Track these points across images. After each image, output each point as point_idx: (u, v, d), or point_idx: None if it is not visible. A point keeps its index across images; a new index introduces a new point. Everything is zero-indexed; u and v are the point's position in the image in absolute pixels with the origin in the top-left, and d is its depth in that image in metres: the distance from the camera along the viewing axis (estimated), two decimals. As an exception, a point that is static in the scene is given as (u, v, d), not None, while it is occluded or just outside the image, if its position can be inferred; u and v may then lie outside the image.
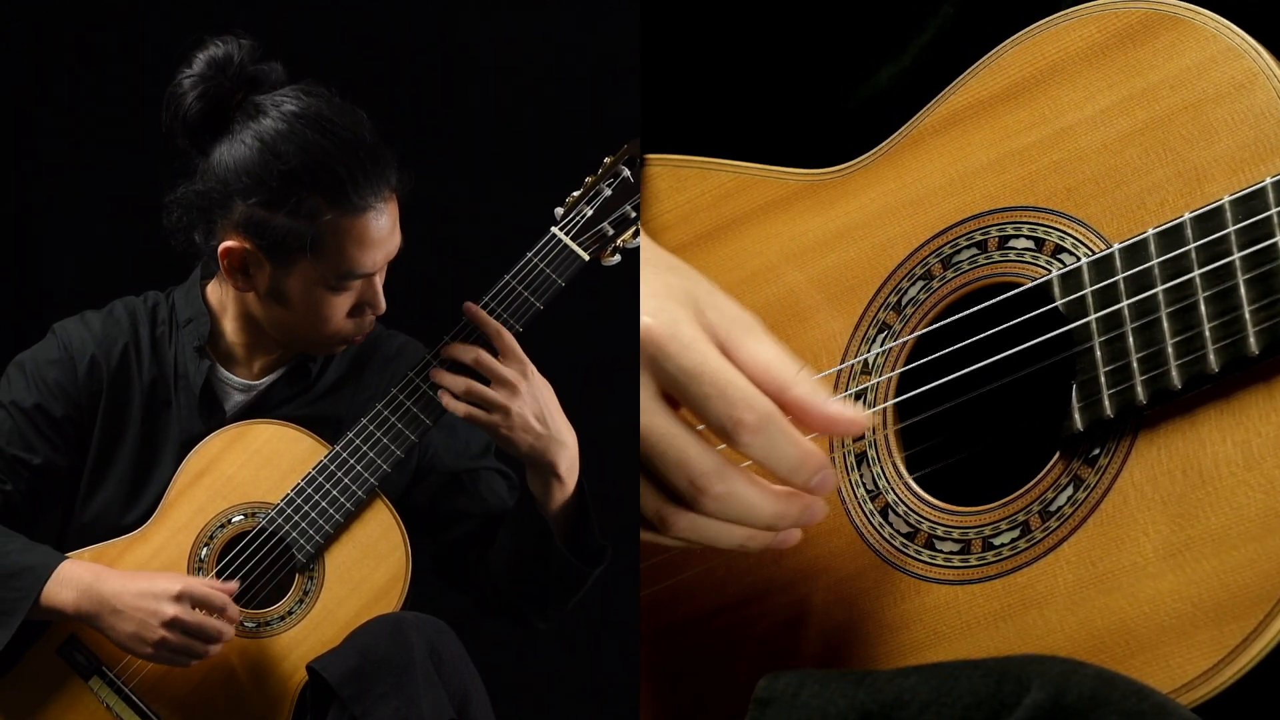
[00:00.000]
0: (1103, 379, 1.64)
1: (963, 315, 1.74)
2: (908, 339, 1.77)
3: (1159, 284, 1.62)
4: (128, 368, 2.43)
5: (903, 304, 1.79)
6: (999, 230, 1.75)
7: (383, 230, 2.31)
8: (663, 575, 1.85)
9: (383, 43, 3.10)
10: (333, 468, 2.34)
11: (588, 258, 2.37)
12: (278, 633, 2.32)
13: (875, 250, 1.82)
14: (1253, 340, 1.57)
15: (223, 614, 2.26)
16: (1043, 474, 1.68)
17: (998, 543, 1.68)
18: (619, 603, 2.31)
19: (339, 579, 2.33)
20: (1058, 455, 1.67)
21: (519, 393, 2.28)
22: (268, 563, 2.33)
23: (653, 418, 1.62)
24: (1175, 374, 1.60)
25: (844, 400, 1.68)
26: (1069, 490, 1.65)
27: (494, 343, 2.30)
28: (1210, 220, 1.60)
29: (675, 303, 1.64)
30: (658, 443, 1.62)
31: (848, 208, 1.84)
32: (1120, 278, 1.64)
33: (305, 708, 2.28)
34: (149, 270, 2.54)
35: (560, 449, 2.31)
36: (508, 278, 2.35)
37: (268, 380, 2.43)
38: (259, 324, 2.40)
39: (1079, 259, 1.68)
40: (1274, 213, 1.57)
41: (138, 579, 2.28)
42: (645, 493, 1.64)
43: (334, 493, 2.33)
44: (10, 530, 2.35)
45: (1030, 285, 1.70)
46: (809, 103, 1.95)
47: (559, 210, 2.39)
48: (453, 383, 2.30)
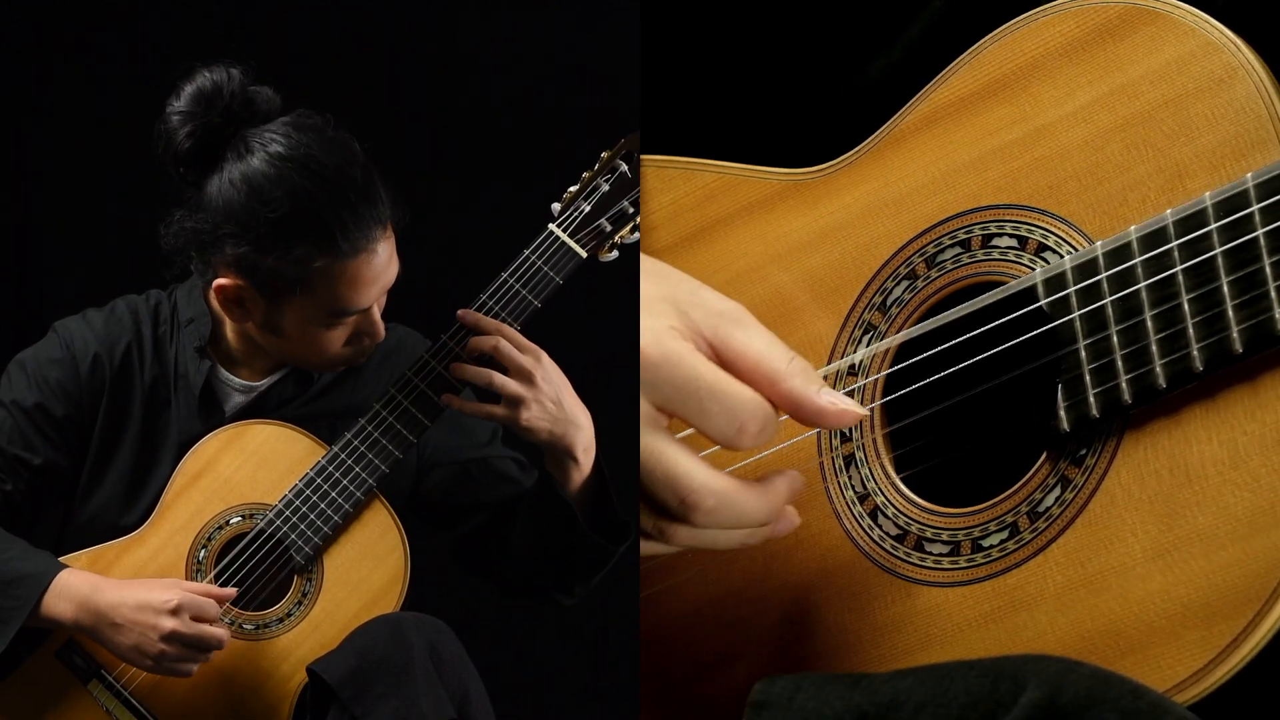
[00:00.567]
0: (1088, 378, 1.63)
1: (947, 316, 1.73)
2: (893, 340, 1.77)
3: (1142, 282, 1.61)
4: (130, 366, 2.43)
5: (888, 304, 1.78)
6: (982, 229, 1.74)
7: (376, 269, 2.30)
8: (661, 577, 1.85)
9: (381, 40, 3.09)
10: (331, 469, 2.33)
11: (585, 255, 2.36)
12: (277, 634, 2.32)
13: (859, 250, 1.81)
14: (1236, 338, 1.56)
15: (219, 622, 2.26)
16: (1030, 475, 1.67)
17: (987, 544, 1.68)
18: (619, 603, 2.30)
19: (338, 580, 2.33)
20: (1045, 456, 1.67)
21: (534, 379, 2.27)
22: (266, 564, 2.33)
23: (642, 436, 1.62)
24: (1160, 372, 1.59)
25: (838, 393, 1.67)
26: (1056, 491, 1.65)
27: (498, 348, 2.29)
28: (1192, 218, 1.59)
29: (656, 316, 1.63)
30: (646, 461, 1.62)
31: (831, 207, 1.83)
32: (1103, 277, 1.63)
33: (305, 709, 2.28)
34: (150, 269, 2.54)
35: (576, 431, 2.31)
36: (505, 276, 2.34)
37: (268, 382, 2.43)
38: (258, 346, 2.41)
39: (1062, 257, 1.67)
40: (1255, 210, 1.55)
41: (135, 590, 2.27)
42: (643, 507, 1.64)
43: (332, 494, 2.32)
44: (10, 536, 2.35)
45: (1014, 286, 1.69)
46: (801, 98, 1.95)
47: (556, 207, 2.38)
48: (475, 375, 2.30)
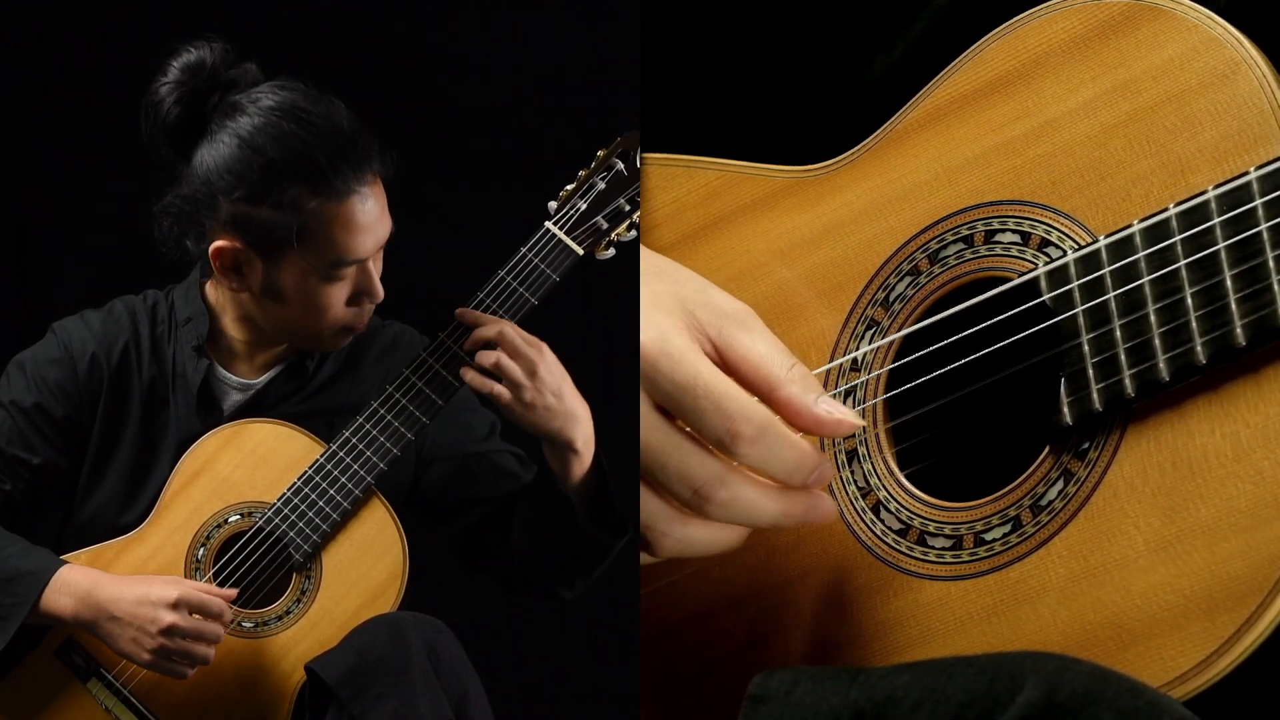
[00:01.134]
0: (1091, 372, 1.64)
1: (951, 311, 1.74)
2: (896, 336, 1.77)
3: (1145, 276, 1.62)
4: (128, 366, 2.43)
5: (891, 300, 1.78)
6: (984, 224, 1.74)
7: (369, 215, 2.32)
8: (661, 574, 1.85)
9: (377, 38, 3.09)
10: (329, 466, 2.33)
11: (582, 252, 2.36)
12: (275, 632, 2.32)
13: (862, 246, 1.81)
14: (1239, 331, 1.56)
15: (219, 619, 2.26)
16: (1033, 469, 1.67)
17: (989, 538, 1.68)
18: (619, 603, 2.30)
19: (336, 578, 2.33)
20: (1047, 450, 1.67)
21: (536, 369, 2.28)
22: (265, 562, 2.33)
23: (650, 431, 1.62)
24: (1163, 366, 1.60)
25: (834, 399, 1.67)
26: (1059, 484, 1.65)
27: (502, 334, 2.30)
28: (1195, 212, 1.60)
29: (662, 312, 1.64)
30: (658, 454, 1.62)
31: (834, 204, 1.84)
32: (1106, 271, 1.64)
33: (304, 707, 2.28)
34: (149, 270, 2.54)
35: (576, 424, 2.31)
36: (502, 273, 2.35)
37: (264, 379, 2.43)
38: (257, 325, 2.40)
39: (1065, 252, 1.68)
40: (1259, 204, 1.56)
41: (135, 585, 2.28)
42: (648, 506, 1.65)
43: (331, 492, 2.33)
44: (10, 533, 2.35)
45: (1016, 281, 1.70)
46: (802, 96, 1.95)
47: (553, 205, 2.39)
48: (484, 357, 2.30)
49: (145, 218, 2.44)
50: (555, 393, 2.29)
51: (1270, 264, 1.55)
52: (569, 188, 2.39)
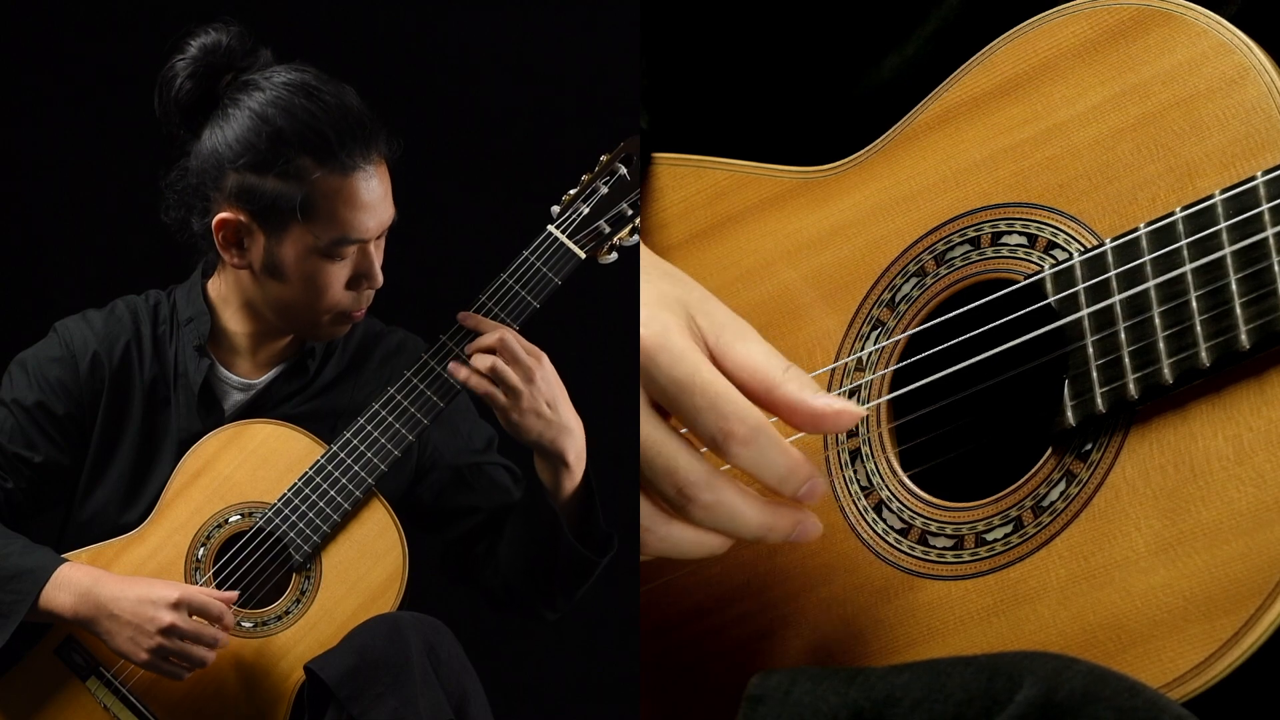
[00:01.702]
0: (1095, 375, 1.64)
1: (956, 312, 1.74)
2: (901, 336, 1.78)
3: (1151, 280, 1.62)
4: (129, 365, 2.43)
5: (896, 301, 1.79)
6: (992, 226, 1.75)
7: (373, 193, 2.33)
8: (660, 572, 1.85)
9: (380, 41, 3.10)
10: (330, 467, 2.34)
11: (584, 256, 2.37)
12: (275, 632, 2.32)
13: (869, 247, 1.82)
14: (1244, 336, 1.56)
15: (219, 622, 2.27)
16: (1035, 469, 1.68)
17: (991, 538, 1.69)
18: (619, 602, 2.31)
19: (336, 578, 2.34)
20: (1050, 451, 1.67)
21: (533, 378, 2.28)
22: (265, 562, 2.34)
23: (643, 426, 1.63)
24: (1167, 369, 1.60)
25: (834, 395, 1.68)
26: (1061, 485, 1.66)
27: (502, 340, 2.30)
28: (1202, 216, 1.61)
29: (667, 311, 1.65)
30: (647, 450, 1.62)
31: (842, 205, 1.85)
32: (1112, 274, 1.65)
33: (303, 707, 2.28)
34: (149, 269, 2.55)
35: (569, 437, 2.32)
36: (504, 276, 2.35)
37: (266, 379, 2.44)
38: (259, 310, 2.41)
39: (1071, 255, 1.68)
40: (1265, 208, 1.57)
41: (136, 585, 2.28)
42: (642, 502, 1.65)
43: (331, 492, 2.33)
44: (11, 531, 2.35)
45: (1023, 282, 1.71)
46: (813, 94, 1.95)
47: (555, 209, 2.39)
48: (480, 360, 2.31)
49: (147, 218, 2.45)
50: (550, 403, 2.29)
51: (1276, 269, 1.55)
52: (571, 191, 2.40)
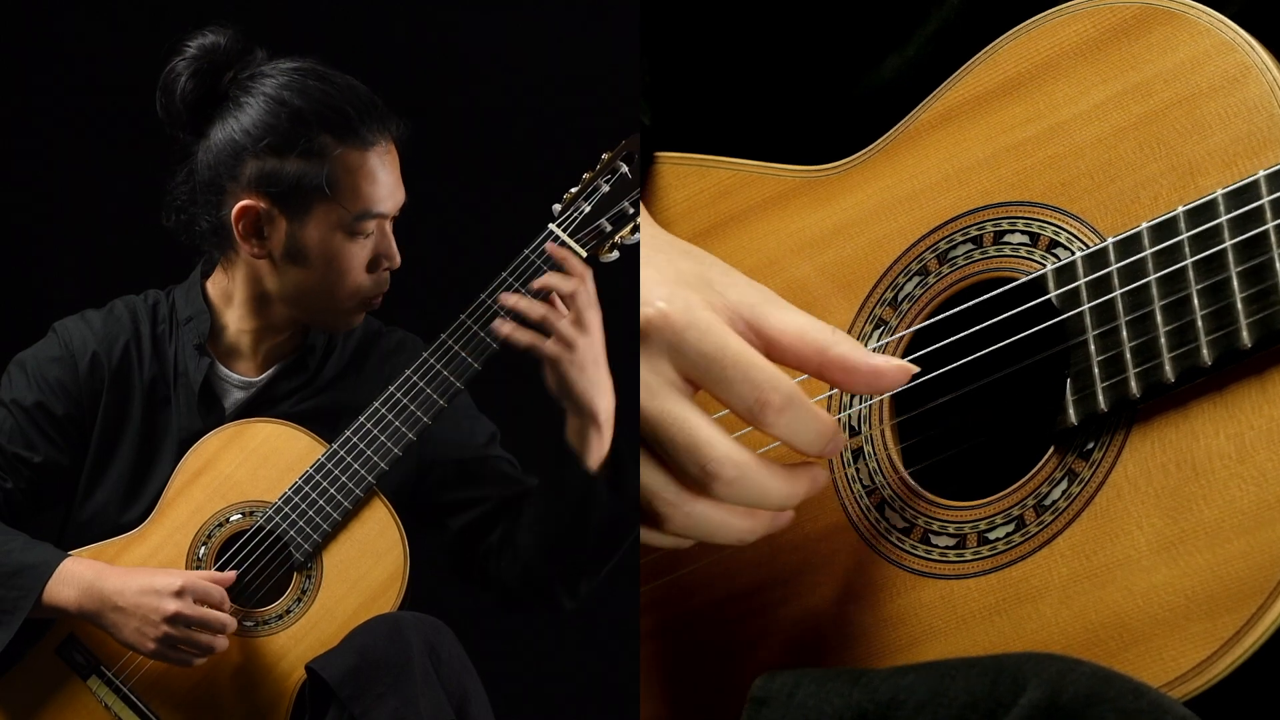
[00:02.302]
0: (1096, 372, 1.64)
1: (958, 310, 1.74)
2: (904, 334, 1.78)
3: (1152, 274, 1.62)
4: (129, 365, 2.44)
5: (899, 300, 1.79)
6: (994, 225, 1.75)
7: (391, 172, 2.37)
8: (660, 572, 1.85)
9: (381, 39, 3.10)
10: (330, 466, 2.34)
11: (585, 254, 2.37)
12: (276, 631, 2.32)
13: (871, 246, 1.82)
14: (1245, 333, 1.56)
15: (222, 607, 2.27)
16: (1037, 468, 1.68)
17: (993, 537, 1.68)
18: (619, 602, 2.30)
19: (337, 577, 2.34)
20: (1052, 449, 1.67)
21: (590, 332, 2.28)
22: (265, 561, 2.34)
23: (663, 402, 1.62)
24: (1168, 367, 1.60)
25: (886, 356, 1.68)
26: (1063, 484, 1.65)
27: (575, 293, 2.30)
28: (1203, 212, 1.61)
29: (688, 288, 1.65)
30: (669, 427, 1.62)
31: (844, 204, 1.85)
32: (1114, 269, 1.65)
33: (304, 707, 2.28)
34: (149, 269, 2.55)
35: (603, 395, 2.30)
36: (505, 274, 2.35)
37: (266, 377, 2.44)
38: (270, 304, 2.42)
39: (1073, 253, 1.68)
40: (1266, 203, 1.57)
41: (139, 576, 2.28)
42: (645, 486, 1.64)
43: (332, 491, 2.33)
44: (12, 529, 2.35)
45: (1024, 279, 1.71)
46: (815, 94, 1.95)
47: (556, 207, 2.39)
48: (529, 307, 2.29)
49: (147, 218, 2.45)
50: (595, 360, 2.29)
51: (1277, 264, 1.55)
52: (573, 190, 2.40)
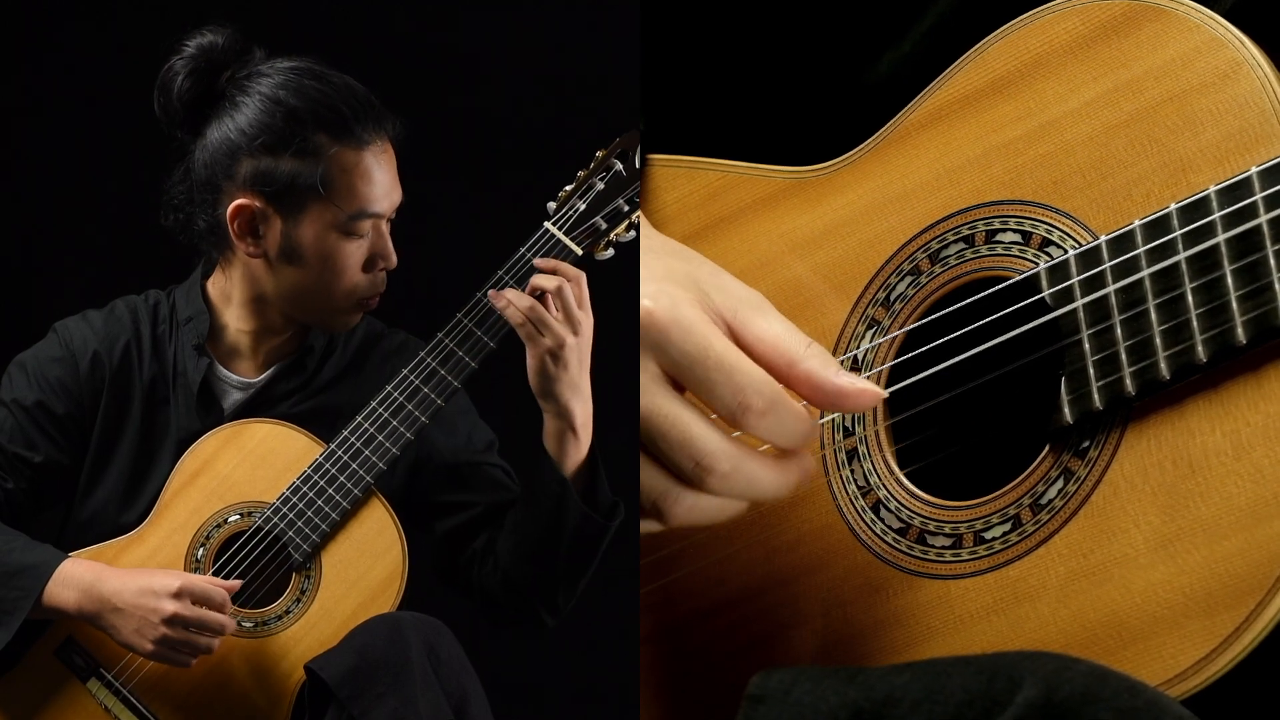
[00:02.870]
0: (1091, 370, 1.64)
1: (951, 310, 1.74)
2: (897, 334, 1.77)
3: (1145, 271, 1.62)
4: (129, 365, 2.44)
5: (891, 300, 1.79)
6: (985, 224, 1.74)
7: (387, 172, 2.37)
8: (659, 574, 1.85)
9: (377, 38, 3.10)
10: (328, 466, 2.34)
11: (581, 252, 2.37)
12: (275, 632, 2.32)
13: (863, 246, 1.82)
14: (1240, 329, 1.56)
15: (222, 609, 2.27)
16: (1033, 467, 1.68)
17: (989, 537, 1.68)
18: (619, 603, 2.30)
19: (336, 577, 2.34)
20: (1048, 448, 1.67)
21: (581, 332, 2.28)
22: (264, 562, 2.34)
23: (654, 399, 1.62)
24: (1163, 364, 1.60)
25: (856, 375, 1.68)
26: (1059, 483, 1.65)
27: (561, 290, 2.29)
28: (1196, 209, 1.60)
29: (677, 286, 1.64)
30: (660, 423, 1.62)
31: (835, 204, 1.84)
32: (1106, 266, 1.64)
33: (303, 707, 2.28)
34: (149, 270, 2.55)
35: (581, 402, 2.31)
36: (501, 273, 2.35)
37: (265, 377, 2.44)
38: (267, 304, 2.41)
39: (1066, 251, 1.68)
40: (1259, 199, 1.56)
41: (137, 577, 2.28)
42: (644, 481, 1.64)
43: (330, 491, 2.33)
44: (12, 529, 2.35)
45: (1017, 278, 1.70)
46: (809, 94, 1.95)
47: (551, 205, 2.39)
48: (517, 298, 2.30)
49: (147, 218, 2.45)
50: (580, 365, 2.29)
51: (1271, 260, 1.55)
52: (568, 188, 2.39)
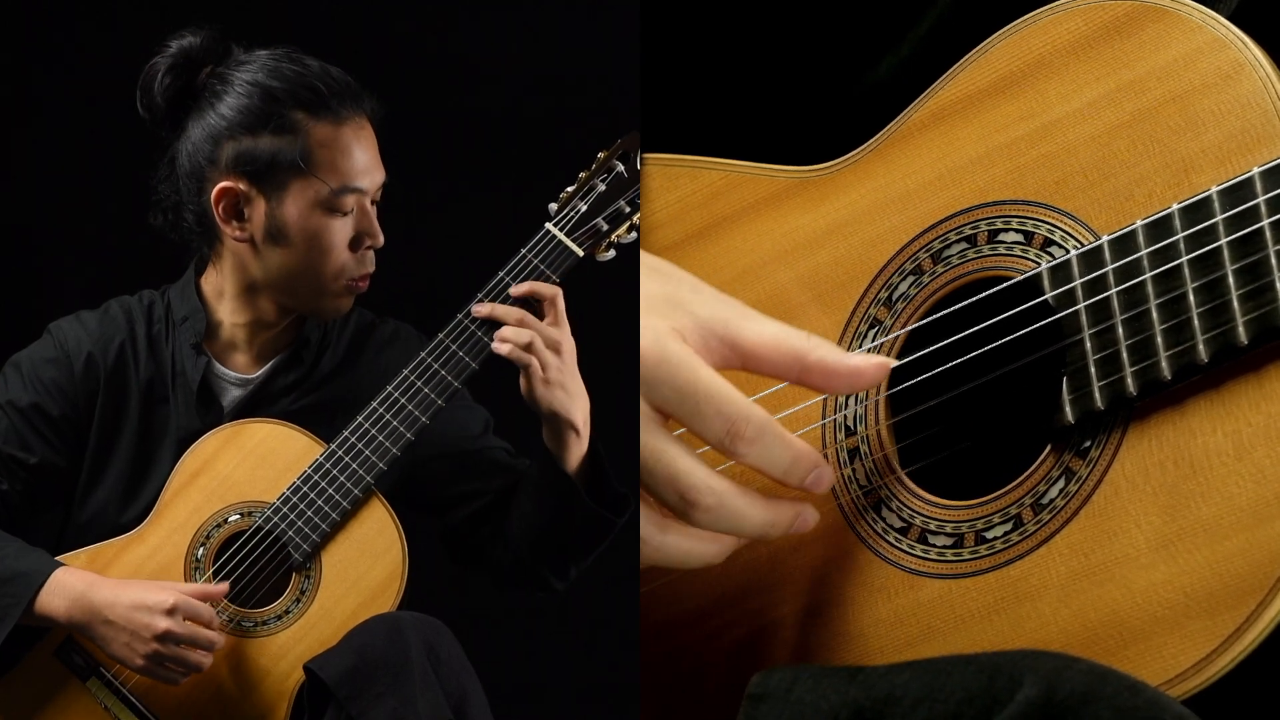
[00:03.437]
0: (1093, 370, 1.64)
1: (953, 310, 1.74)
2: (899, 334, 1.78)
3: (1147, 272, 1.62)
4: (124, 365, 2.44)
5: (893, 299, 1.79)
6: (988, 224, 1.75)
7: (367, 148, 2.38)
8: (661, 572, 1.85)
9: (378, 39, 3.10)
10: (329, 466, 2.34)
11: (582, 253, 2.37)
12: (275, 632, 2.32)
13: (865, 246, 1.82)
14: (1242, 330, 1.56)
15: (212, 626, 2.27)
16: (1034, 467, 1.68)
17: (990, 536, 1.68)
18: (619, 603, 2.30)
19: (336, 577, 2.34)
20: (1049, 448, 1.67)
21: (562, 351, 2.30)
22: (264, 562, 2.33)
23: (643, 435, 1.63)
24: (1165, 364, 1.60)
25: (863, 354, 1.68)
26: (1060, 483, 1.65)
27: (543, 306, 2.32)
28: (1198, 210, 1.60)
29: (656, 315, 1.65)
30: (647, 459, 1.63)
31: (837, 204, 1.84)
32: (1109, 268, 1.64)
33: (302, 707, 2.28)
34: (145, 270, 2.55)
35: (579, 404, 2.32)
36: (502, 274, 2.35)
37: (263, 373, 2.44)
38: (259, 293, 2.42)
39: (1068, 251, 1.68)
40: (1261, 200, 1.56)
41: (131, 589, 2.28)
42: (644, 508, 1.66)
43: (330, 491, 2.33)
44: (6, 534, 2.35)
45: (1019, 278, 1.70)
46: (809, 95, 1.95)
47: (553, 206, 2.39)
48: (506, 314, 2.31)
49: (144, 219, 2.45)
50: (571, 374, 2.30)
51: (1273, 261, 1.55)
52: (569, 189, 2.39)
